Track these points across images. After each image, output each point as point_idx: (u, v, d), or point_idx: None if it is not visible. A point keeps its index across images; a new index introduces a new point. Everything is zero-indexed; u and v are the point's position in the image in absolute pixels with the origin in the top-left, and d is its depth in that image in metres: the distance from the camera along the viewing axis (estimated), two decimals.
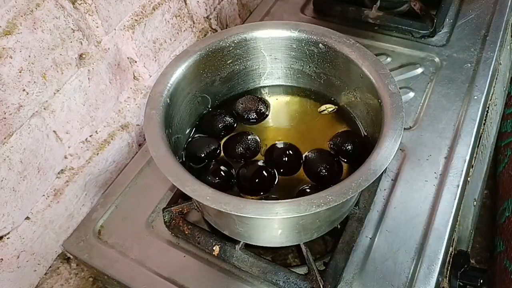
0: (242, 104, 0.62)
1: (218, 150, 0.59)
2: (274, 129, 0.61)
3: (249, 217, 0.43)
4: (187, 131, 0.60)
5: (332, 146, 0.57)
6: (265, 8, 0.91)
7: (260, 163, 0.56)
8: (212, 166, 0.56)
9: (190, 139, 0.60)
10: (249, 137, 0.58)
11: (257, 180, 0.54)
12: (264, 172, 0.55)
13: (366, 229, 0.57)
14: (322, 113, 0.61)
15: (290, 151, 0.57)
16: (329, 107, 0.61)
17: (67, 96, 0.58)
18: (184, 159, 0.58)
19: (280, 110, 0.63)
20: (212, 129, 0.60)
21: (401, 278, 0.53)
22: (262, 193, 0.54)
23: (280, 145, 0.58)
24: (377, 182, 0.61)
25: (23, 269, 0.58)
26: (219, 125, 0.60)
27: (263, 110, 0.62)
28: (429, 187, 0.60)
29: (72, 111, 0.59)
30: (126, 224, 0.62)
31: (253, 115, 0.61)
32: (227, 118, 0.61)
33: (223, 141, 0.60)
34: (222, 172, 0.55)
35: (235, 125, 0.61)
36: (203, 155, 0.57)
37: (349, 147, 0.55)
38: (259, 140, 0.59)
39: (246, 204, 0.42)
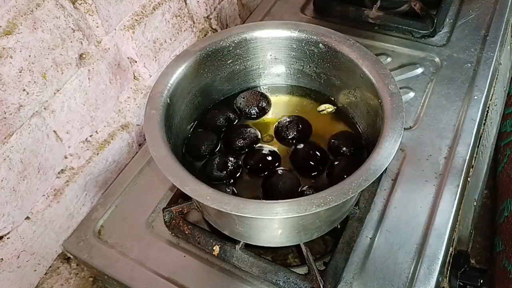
0: (243, 98, 0.62)
1: (218, 143, 0.59)
2: (273, 127, 0.61)
3: (249, 217, 0.43)
4: (188, 128, 0.60)
5: (330, 148, 0.57)
6: (265, 8, 0.91)
7: (265, 149, 0.58)
8: (217, 159, 0.56)
9: (190, 135, 0.60)
10: (247, 129, 0.59)
11: (262, 162, 0.56)
12: (268, 155, 0.56)
13: (366, 229, 0.57)
14: (321, 112, 0.61)
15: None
16: (328, 107, 0.61)
17: (67, 96, 0.58)
18: (183, 153, 0.58)
19: (280, 109, 0.63)
20: (213, 125, 0.60)
21: (401, 278, 0.53)
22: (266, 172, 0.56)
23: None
24: (377, 182, 0.61)
25: (23, 269, 0.58)
26: (220, 120, 0.60)
27: (264, 105, 0.62)
28: (429, 187, 0.60)
29: (72, 111, 0.59)
30: (126, 224, 0.62)
31: (255, 110, 0.61)
32: (228, 114, 0.61)
33: (222, 135, 0.60)
34: (229, 163, 0.55)
35: (235, 121, 0.61)
36: (203, 148, 0.58)
37: (346, 149, 0.56)
38: (258, 132, 0.59)
39: (246, 204, 0.42)
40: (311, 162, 0.55)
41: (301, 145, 0.57)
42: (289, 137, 0.58)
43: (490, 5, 0.83)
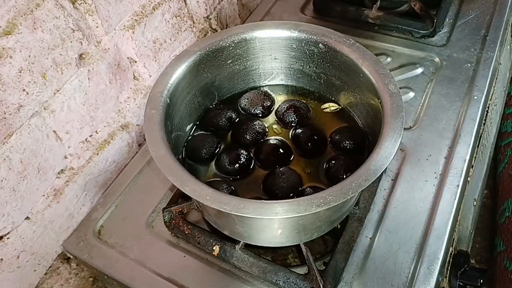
0: (247, 99, 0.62)
1: (219, 146, 0.59)
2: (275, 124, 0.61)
3: (249, 217, 0.43)
4: (188, 128, 0.60)
5: (331, 143, 0.57)
6: (265, 8, 0.91)
7: (273, 140, 0.58)
8: (228, 153, 0.56)
9: (190, 137, 0.60)
10: (255, 122, 0.59)
11: (274, 156, 0.56)
12: (280, 148, 0.57)
13: (366, 229, 0.57)
14: (324, 110, 0.61)
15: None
16: (332, 106, 0.61)
17: (67, 96, 0.58)
18: (184, 155, 0.58)
19: None
20: (214, 125, 0.60)
21: (401, 278, 0.53)
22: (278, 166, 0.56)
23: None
24: (377, 182, 0.61)
25: (23, 269, 0.58)
26: (223, 120, 0.60)
27: (269, 105, 0.62)
28: (429, 187, 0.60)
29: (72, 111, 0.59)
30: (126, 224, 0.62)
31: (260, 110, 0.61)
32: (229, 114, 0.61)
33: (230, 132, 0.60)
34: (241, 157, 0.56)
35: (237, 120, 0.61)
36: (204, 152, 0.57)
37: (347, 143, 0.56)
38: (265, 124, 0.60)
39: (246, 204, 0.42)
40: (310, 141, 0.57)
41: (301, 129, 0.59)
42: (290, 115, 0.60)
43: (490, 5, 0.83)
